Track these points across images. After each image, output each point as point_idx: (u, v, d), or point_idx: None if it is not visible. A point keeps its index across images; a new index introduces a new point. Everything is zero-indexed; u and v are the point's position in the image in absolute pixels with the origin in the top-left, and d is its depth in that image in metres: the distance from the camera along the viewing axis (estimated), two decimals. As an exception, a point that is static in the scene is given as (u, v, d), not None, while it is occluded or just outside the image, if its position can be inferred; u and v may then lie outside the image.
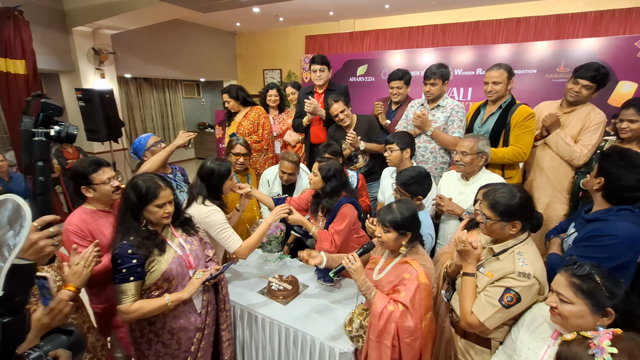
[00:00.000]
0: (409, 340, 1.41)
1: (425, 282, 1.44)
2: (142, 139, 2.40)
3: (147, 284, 1.48)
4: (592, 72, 2.11)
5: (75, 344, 0.86)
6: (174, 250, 1.55)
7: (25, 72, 3.86)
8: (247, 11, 5.91)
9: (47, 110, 0.90)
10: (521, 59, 4.88)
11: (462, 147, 2.07)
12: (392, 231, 1.50)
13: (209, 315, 1.70)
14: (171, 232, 1.62)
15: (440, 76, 2.50)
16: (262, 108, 3.47)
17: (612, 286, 1.02)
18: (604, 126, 2.17)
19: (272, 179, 2.73)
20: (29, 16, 3.93)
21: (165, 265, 1.49)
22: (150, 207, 1.47)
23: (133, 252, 1.41)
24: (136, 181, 1.48)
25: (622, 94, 4.37)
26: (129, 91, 7.38)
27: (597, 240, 1.46)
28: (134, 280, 1.41)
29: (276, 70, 7.84)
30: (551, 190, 2.32)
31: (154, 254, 1.47)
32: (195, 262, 1.62)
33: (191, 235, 1.69)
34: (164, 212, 1.50)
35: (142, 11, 4.40)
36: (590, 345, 0.78)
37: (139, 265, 1.42)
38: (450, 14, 5.84)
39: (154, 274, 1.47)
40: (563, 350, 0.84)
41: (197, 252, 1.66)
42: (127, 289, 1.41)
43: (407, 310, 1.40)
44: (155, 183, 1.48)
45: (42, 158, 0.88)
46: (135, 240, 1.44)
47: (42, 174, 0.87)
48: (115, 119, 4.70)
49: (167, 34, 6.61)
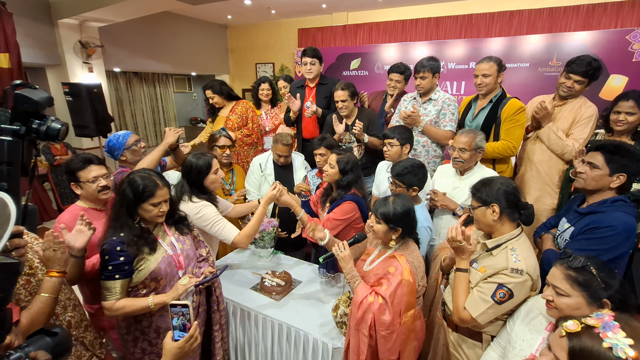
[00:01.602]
0: (384, 333, 1.45)
1: (409, 280, 1.45)
2: (120, 136, 2.15)
3: (134, 282, 1.46)
4: (584, 67, 2.10)
5: (58, 345, 0.84)
6: (164, 250, 1.53)
7: (10, 66, 3.76)
8: (239, 3, 5.80)
9: (21, 104, 0.79)
10: (514, 53, 4.88)
11: (460, 143, 2.03)
12: (383, 223, 1.53)
13: (198, 317, 1.68)
14: (163, 230, 1.60)
15: (430, 69, 2.48)
16: (248, 102, 3.42)
17: (607, 277, 1.04)
18: (595, 119, 2.17)
19: (264, 162, 2.69)
20: (12, 8, 3.81)
21: (154, 264, 1.47)
22: (145, 205, 1.45)
23: (121, 250, 1.39)
24: (134, 177, 1.45)
25: (613, 87, 4.40)
26: (118, 85, 7.24)
27: (596, 233, 1.48)
28: (119, 278, 1.39)
29: (269, 64, 7.75)
30: (541, 184, 2.33)
31: (144, 252, 1.45)
32: (185, 262, 1.60)
33: (184, 234, 1.66)
34: (159, 211, 1.48)
35: (129, 3, 4.29)
36: (602, 336, 0.78)
37: (126, 263, 1.40)
38: (443, 7, 5.80)
39: (142, 272, 1.45)
40: (575, 344, 0.82)
41: (188, 251, 1.63)
42: (113, 287, 1.39)
43: (386, 304, 1.44)
44: (152, 181, 1.46)
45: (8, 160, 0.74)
46: (127, 238, 1.41)
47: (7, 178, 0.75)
48: (104, 114, 4.61)
49: (156, 27, 6.48)
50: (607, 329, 0.79)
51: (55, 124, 0.84)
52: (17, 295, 1.21)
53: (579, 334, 0.83)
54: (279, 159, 2.59)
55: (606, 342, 0.77)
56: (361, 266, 1.68)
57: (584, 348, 0.81)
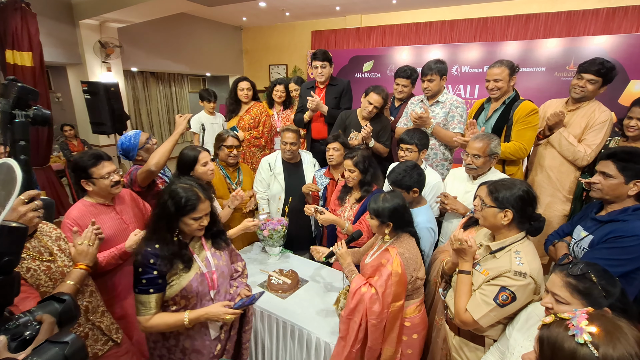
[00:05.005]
0: (374, 322, 1.52)
1: (397, 271, 1.51)
2: (131, 137, 2.17)
3: (165, 297, 1.40)
4: (597, 66, 2.06)
5: (65, 312, 0.87)
6: (198, 266, 1.44)
7: (32, 65, 3.89)
8: (254, 5, 5.88)
9: (25, 95, 0.94)
10: (530, 57, 4.80)
11: (474, 149, 1.96)
12: (375, 219, 1.63)
13: (230, 341, 1.60)
14: (200, 243, 1.51)
15: (437, 72, 2.46)
16: (265, 105, 3.49)
17: (608, 285, 1.01)
18: (609, 125, 2.11)
19: (273, 161, 2.72)
20: (36, 8, 3.95)
21: (186, 281, 1.40)
22: (186, 218, 1.37)
23: (155, 263, 1.32)
24: (175, 189, 1.37)
25: (633, 93, 4.27)
26: (135, 85, 7.42)
27: (620, 242, 1.42)
28: (154, 292, 1.34)
29: (282, 66, 7.82)
30: (552, 189, 2.28)
31: (177, 268, 1.38)
32: (219, 281, 1.51)
33: (221, 248, 1.57)
34: (199, 225, 1.40)
35: (148, 4, 4.41)
36: (569, 326, 0.79)
37: (159, 277, 1.34)
38: (458, 10, 5.75)
39: (173, 288, 1.39)
40: (544, 333, 0.83)
41: (223, 268, 1.55)
42: (148, 301, 1.34)
43: (377, 295, 1.51)
44: (195, 194, 1.37)
45: (23, 138, 0.93)
46: (162, 252, 1.34)
47: (23, 152, 0.92)
48: (121, 112, 4.73)
49: (173, 28, 6.62)
50: (574, 319, 0.80)
51: (45, 111, 1.00)
52: (38, 280, 1.26)
53: (549, 324, 0.84)
54: (288, 149, 2.60)
55: (570, 331, 0.78)
56: (364, 260, 1.76)
57: (550, 336, 0.82)
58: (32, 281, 1.24)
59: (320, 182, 2.65)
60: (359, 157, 2.11)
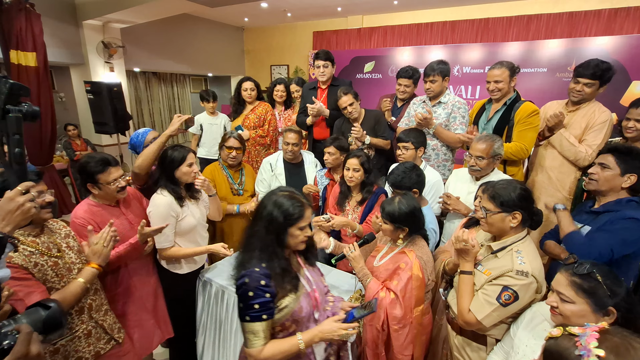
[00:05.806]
0: (396, 327, 1.48)
1: (418, 275, 1.48)
2: (139, 134, 2.27)
3: (273, 323, 1.21)
4: (592, 69, 2.06)
5: (50, 319, 0.86)
6: (303, 285, 1.28)
7: (36, 65, 3.91)
8: (255, 6, 5.90)
9: (17, 91, 0.98)
10: (532, 57, 4.79)
11: (477, 150, 1.96)
12: (389, 223, 1.58)
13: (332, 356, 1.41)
14: (296, 260, 1.34)
15: (440, 73, 2.47)
16: (269, 104, 3.50)
17: (613, 285, 1.01)
18: (609, 125, 2.12)
19: (274, 162, 2.72)
20: (40, 9, 3.97)
21: (296, 303, 1.22)
22: (293, 229, 1.21)
23: (267, 284, 1.15)
24: (278, 199, 1.21)
25: (635, 94, 4.26)
26: (137, 85, 7.45)
27: (620, 223, 1.49)
28: (267, 318, 1.15)
29: (283, 66, 7.84)
30: (552, 190, 2.29)
31: (287, 288, 1.21)
32: (320, 299, 1.34)
33: (312, 264, 1.40)
34: (304, 236, 1.24)
35: (150, 5, 4.43)
36: (577, 344, 0.77)
37: (271, 301, 1.16)
38: (459, 11, 5.77)
39: (284, 311, 1.20)
40: (551, 345, 0.82)
41: (319, 285, 1.38)
42: (259, 330, 1.14)
43: (397, 299, 1.47)
44: (299, 200, 1.22)
45: (18, 132, 0.97)
46: (272, 270, 1.18)
47: (18, 145, 0.97)
48: (123, 112, 4.75)
49: (175, 28, 6.65)
50: (583, 337, 0.77)
51: (34, 107, 1.04)
52: (45, 275, 1.29)
53: (557, 338, 0.82)
54: (289, 149, 2.60)
55: (578, 350, 0.76)
56: (371, 262, 1.72)
57: (555, 351, 0.80)
58: (39, 276, 1.27)
59: (321, 183, 2.66)
60: (364, 157, 2.11)
